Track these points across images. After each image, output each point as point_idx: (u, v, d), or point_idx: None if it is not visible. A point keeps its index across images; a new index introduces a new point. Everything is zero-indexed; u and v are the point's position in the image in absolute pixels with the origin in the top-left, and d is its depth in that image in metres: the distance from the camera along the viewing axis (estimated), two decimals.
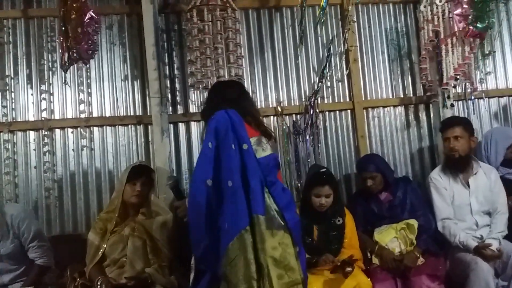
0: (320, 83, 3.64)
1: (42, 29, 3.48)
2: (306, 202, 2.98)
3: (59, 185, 3.38)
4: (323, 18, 3.43)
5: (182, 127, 3.55)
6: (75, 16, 2.79)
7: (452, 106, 3.62)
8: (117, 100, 3.52)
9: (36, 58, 3.46)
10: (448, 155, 3.17)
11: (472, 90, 3.73)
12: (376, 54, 3.82)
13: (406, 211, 3.10)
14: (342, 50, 3.72)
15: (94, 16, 2.92)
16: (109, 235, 2.76)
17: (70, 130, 3.44)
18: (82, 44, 2.83)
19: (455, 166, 3.15)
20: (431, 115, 3.80)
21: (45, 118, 3.41)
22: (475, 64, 3.79)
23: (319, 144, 3.61)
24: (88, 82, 3.49)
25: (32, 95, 3.44)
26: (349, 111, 3.72)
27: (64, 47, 2.88)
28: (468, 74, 3.61)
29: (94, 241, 2.74)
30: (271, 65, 3.69)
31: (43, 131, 3.39)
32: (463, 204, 3.09)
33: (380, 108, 3.78)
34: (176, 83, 3.57)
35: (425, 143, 3.80)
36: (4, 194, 3.32)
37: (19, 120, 3.40)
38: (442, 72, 3.52)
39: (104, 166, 3.44)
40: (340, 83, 3.74)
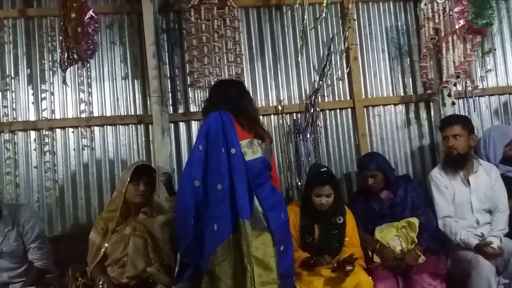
0: (320, 82, 3.64)
1: (43, 28, 3.48)
2: (306, 201, 2.98)
3: (60, 184, 3.39)
4: (323, 16, 3.41)
5: (182, 126, 3.56)
6: (75, 16, 2.79)
7: (453, 104, 3.62)
8: (117, 99, 3.52)
9: (37, 57, 3.46)
10: (447, 153, 3.17)
11: (473, 88, 3.73)
12: (377, 52, 3.82)
13: (407, 209, 3.10)
14: (343, 49, 3.72)
15: (94, 15, 2.92)
16: (110, 235, 2.75)
17: (70, 130, 3.44)
18: (82, 44, 2.83)
19: (454, 163, 3.15)
20: (432, 113, 3.81)
21: (45, 118, 3.42)
22: (476, 62, 3.78)
23: (319, 142, 3.62)
24: (89, 82, 3.49)
25: (33, 95, 3.44)
26: (349, 109, 3.72)
27: (63, 47, 2.87)
28: (469, 72, 3.62)
29: (95, 240, 2.74)
30: (272, 63, 3.69)
31: (44, 131, 3.40)
32: (464, 202, 3.09)
33: (381, 106, 3.78)
34: (177, 82, 3.57)
35: (425, 141, 3.81)
36: (5, 194, 3.32)
37: (20, 120, 3.40)
38: (442, 70, 3.53)
39: (105, 166, 3.44)
40: (340, 81, 3.74)
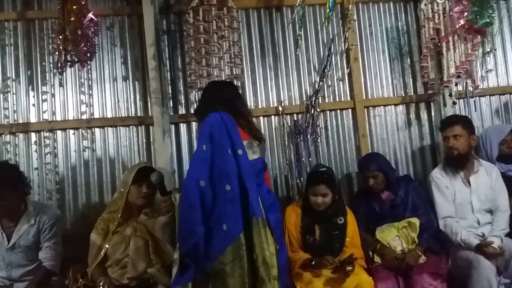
0: (321, 82, 3.64)
1: (43, 31, 3.49)
2: (307, 201, 2.98)
3: (60, 186, 3.39)
4: (330, 17, 3.37)
5: (183, 127, 3.56)
6: (75, 18, 2.79)
7: (454, 104, 3.62)
8: (118, 101, 3.52)
9: (38, 60, 3.46)
10: (448, 153, 3.17)
11: (474, 88, 3.72)
12: (377, 53, 3.82)
13: (407, 210, 3.09)
14: (343, 49, 3.72)
15: (94, 18, 2.91)
16: (111, 236, 2.76)
17: (71, 132, 3.44)
18: (81, 46, 2.83)
19: (455, 164, 3.15)
20: (432, 114, 3.80)
21: (46, 120, 3.42)
22: (477, 62, 3.78)
23: (320, 143, 3.62)
24: (89, 83, 3.50)
25: (34, 96, 3.45)
26: (350, 110, 3.72)
27: (61, 49, 2.87)
28: (470, 72, 3.61)
29: (96, 241, 2.75)
30: (272, 64, 3.70)
31: (45, 132, 3.40)
32: (465, 202, 3.09)
33: (381, 107, 3.78)
34: (177, 84, 3.57)
35: (426, 141, 3.80)
36: None
37: (21, 121, 3.41)
38: (443, 70, 3.52)
39: (105, 167, 3.45)
40: (341, 82, 3.74)
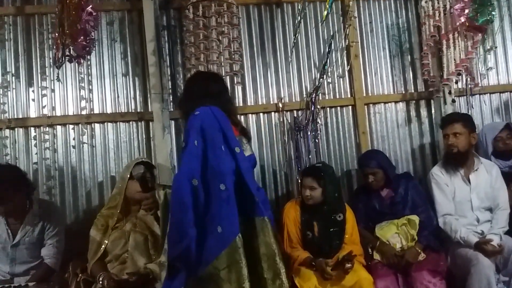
0: (321, 79, 3.63)
1: (43, 25, 3.47)
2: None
3: (60, 181, 3.38)
4: (329, 11, 3.36)
5: (183, 123, 3.55)
6: (73, 12, 2.77)
7: (453, 102, 3.62)
8: (118, 96, 3.51)
9: (37, 55, 3.45)
10: (448, 151, 3.17)
11: (474, 85, 3.72)
12: (378, 50, 3.81)
13: (407, 207, 3.10)
14: (343, 46, 3.71)
15: (93, 12, 2.90)
16: (110, 231, 2.77)
17: (71, 127, 3.43)
18: (79, 41, 2.81)
19: (455, 161, 3.15)
20: (433, 111, 3.80)
21: (46, 115, 3.41)
22: (477, 59, 3.78)
23: (320, 140, 3.61)
24: (89, 79, 3.49)
25: (33, 91, 3.44)
26: (350, 107, 3.72)
27: (58, 44, 2.85)
28: (470, 70, 3.61)
29: (95, 237, 2.75)
30: (272, 61, 3.69)
31: (44, 127, 3.39)
32: (464, 200, 3.09)
33: (382, 104, 3.78)
34: (177, 80, 3.56)
35: (426, 139, 3.80)
36: None
37: (20, 116, 3.40)
38: (443, 67, 3.52)
39: (105, 163, 3.44)
40: (341, 79, 3.73)
